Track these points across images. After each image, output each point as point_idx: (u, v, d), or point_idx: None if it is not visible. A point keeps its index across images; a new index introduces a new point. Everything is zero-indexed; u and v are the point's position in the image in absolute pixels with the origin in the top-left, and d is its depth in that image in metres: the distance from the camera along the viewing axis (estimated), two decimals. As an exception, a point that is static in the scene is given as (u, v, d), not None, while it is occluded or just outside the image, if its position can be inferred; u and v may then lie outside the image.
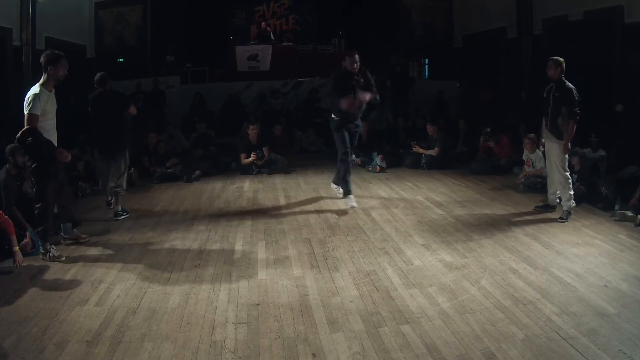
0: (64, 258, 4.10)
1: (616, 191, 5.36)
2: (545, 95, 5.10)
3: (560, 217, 4.98)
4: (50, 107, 4.17)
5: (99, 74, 5.26)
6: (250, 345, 2.77)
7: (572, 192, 5.00)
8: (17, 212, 4.45)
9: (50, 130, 4.21)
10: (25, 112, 3.96)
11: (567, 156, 4.98)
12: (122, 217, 5.29)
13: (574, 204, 5.02)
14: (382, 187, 6.64)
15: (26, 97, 3.99)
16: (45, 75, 4.11)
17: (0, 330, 2.92)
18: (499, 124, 8.53)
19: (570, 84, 4.86)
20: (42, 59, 4.09)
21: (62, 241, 4.50)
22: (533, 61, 9.83)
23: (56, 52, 4.21)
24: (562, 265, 3.81)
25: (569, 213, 4.98)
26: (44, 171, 4.13)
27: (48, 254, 4.09)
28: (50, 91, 4.16)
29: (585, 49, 8.12)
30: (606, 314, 3.01)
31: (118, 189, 5.28)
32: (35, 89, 4.04)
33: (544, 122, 5.16)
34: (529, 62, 10.00)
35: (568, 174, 5.01)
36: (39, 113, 4.00)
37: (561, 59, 4.88)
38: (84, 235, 4.62)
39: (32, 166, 4.16)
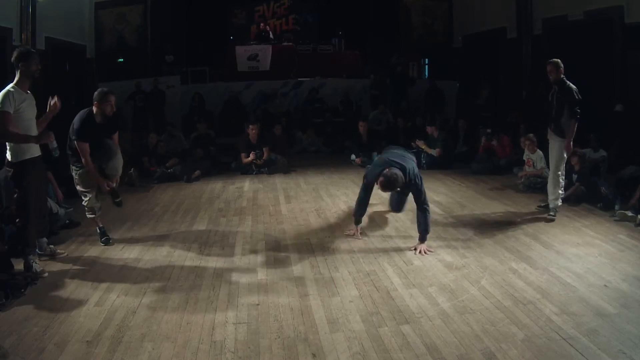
0: (46, 274, 3.78)
1: (616, 191, 5.36)
2: (550, 99, 5.10)
3: (548, 215, 5.05)
4: (27, 109, 3.72)
5: None
6: (250, 345, 2.77)
7: (560, 192, 5.08)
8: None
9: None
10: None
11: (565, 157, 5.00)
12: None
13: (560, 203, 5.11)
14: (382, 187, 6.63)
15: None
16: (18, 73, 3.70)
17: (0, 330, 2.92)
18: (499, 124, 8.53)
19: (571, 84, 4.87)
20: (13, 57, 3.76)
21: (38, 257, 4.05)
22: (533, 61, 9.82)
23: (27, 47, 3.99)
24: (562, 265, 3.81)
25: (555, 210, 5.06)
26: (20, 180, 3.76)
27: (31, 268, 3.74)
28: (26, 92, 3.73)
29: (585, 49, 8.13)
30: (606, 314, 3.01)
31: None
32: (7, 87, 3.64)
33: (549, 126, 5.14)
34: (529, 62, 10.00)
35: (560, 173, 5.05)
36: (10, 111, 3.54)
37: (559, 60, 4.90)
38: (59, 251, 4.27)
39: (9, 174, 3.80)
